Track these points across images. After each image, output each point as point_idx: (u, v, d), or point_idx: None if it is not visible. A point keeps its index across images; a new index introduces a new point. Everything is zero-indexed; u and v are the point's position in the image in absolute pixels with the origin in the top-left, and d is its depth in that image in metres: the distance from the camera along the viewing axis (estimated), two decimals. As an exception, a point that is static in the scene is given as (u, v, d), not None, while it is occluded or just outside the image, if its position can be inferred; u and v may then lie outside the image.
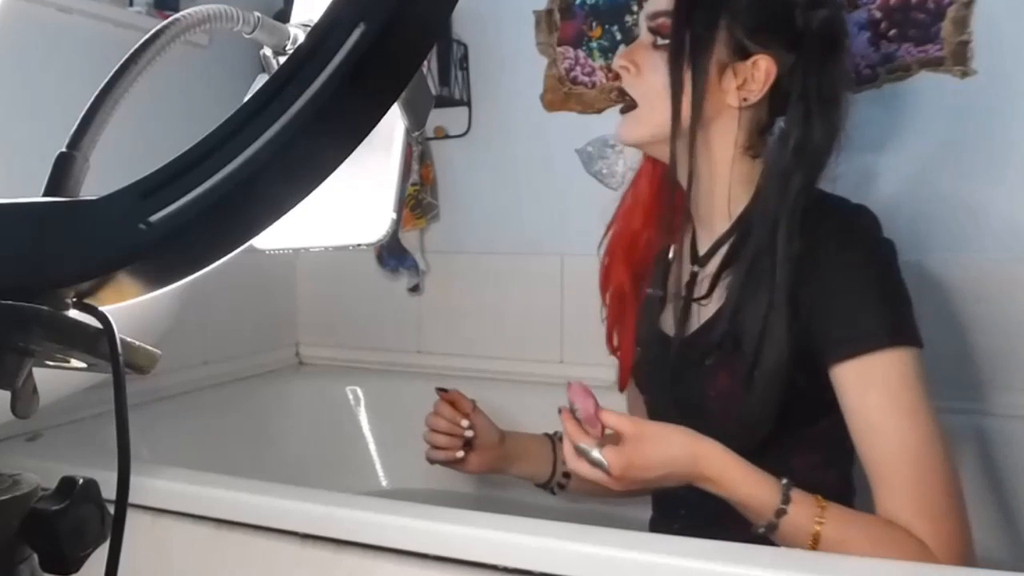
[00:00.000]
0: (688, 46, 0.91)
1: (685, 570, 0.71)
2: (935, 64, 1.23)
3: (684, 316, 1.00)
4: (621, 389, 1.19)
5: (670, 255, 1.06)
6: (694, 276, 1.01)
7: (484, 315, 1.57)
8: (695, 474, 0.82)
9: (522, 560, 0.75)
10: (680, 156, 0.94)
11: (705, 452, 0.82)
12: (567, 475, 1.15)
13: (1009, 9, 1.18)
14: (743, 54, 0.92)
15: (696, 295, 1.00)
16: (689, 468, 0.82)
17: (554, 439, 1.17)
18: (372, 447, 1.54)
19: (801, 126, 0.91)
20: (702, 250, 1.01)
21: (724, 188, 0.97)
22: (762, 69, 0.92)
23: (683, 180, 0.96)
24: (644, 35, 0.97)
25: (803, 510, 0.79)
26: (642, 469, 0.81)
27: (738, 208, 0.97)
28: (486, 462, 1.14)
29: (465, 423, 1.13)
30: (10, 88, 1.13)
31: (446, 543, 0.78)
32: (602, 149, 1.48)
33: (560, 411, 0.86)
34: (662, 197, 1.05)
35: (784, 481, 0.80)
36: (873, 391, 0.83)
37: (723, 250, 0.98)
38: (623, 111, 0.99)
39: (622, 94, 0.99)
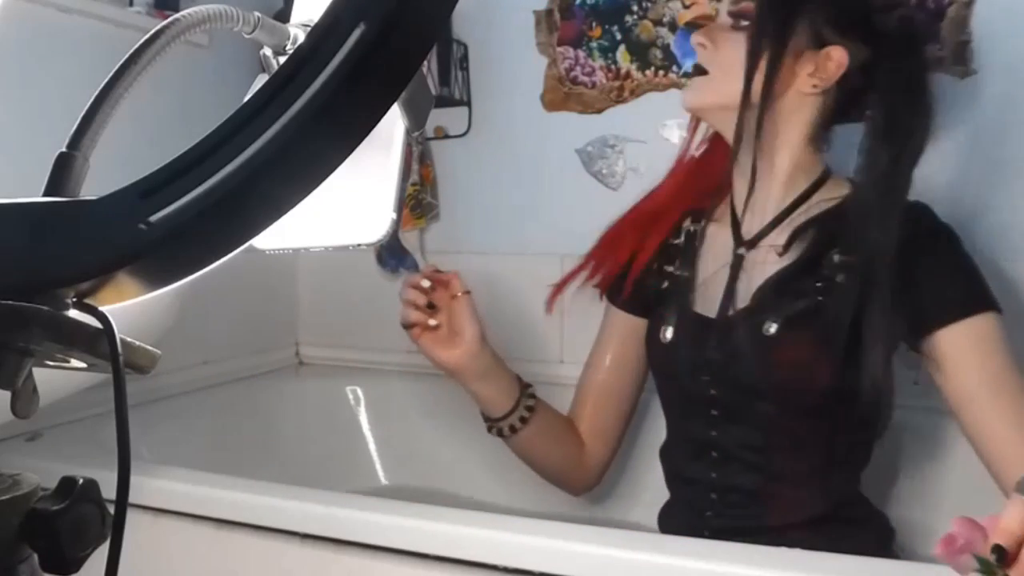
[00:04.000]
0: (771, 27, 0.94)
1: (685, 570, 0.71)
2: (935, 64, 1.22)
3: (730, 297, 1.00)
4: (603, 295, 1.17)
5: (703, 235, 1.07)
6: (740, 259, 1.02)
7: (484, 315, 1.57)
8: None
9: (522, 560, 0.75)
10: (746, 133, 0.95)
11: None
12: (524, 420, 1.10)
13: (1009, 9, 1.18)
14: (819, 43, 0.95)
15: (744, 275, 1.00)
16: None
17: (524, 383, 1.12)
18: (372, 447, 1.54)
19: (889, 121, 0.94)
20: (747, 234, 1.02)
21: (784, 173, 0.99)
22: (834, 59, 0.94)
23: (745, 157, 0.97)
24: (723, 17, 1.00)
25: None
26: None
27: (788, 198, 0.99)
28: (455, 357, 1.06)
29: (433, 322, 1.06)
30: (10, 88, 1.13)
31: (446, 543, 0.78)
32: (602, 149, 1.48)
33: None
34: (718, 170, 1.06)
35: None
36: (977, 356, 0.87)
37: (774, 235, 0.99)
38: (692, 75, 1.01)
39: (699, 68, 1.01)
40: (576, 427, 1.16)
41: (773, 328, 0.94)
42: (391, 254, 1.63)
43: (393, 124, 0.45)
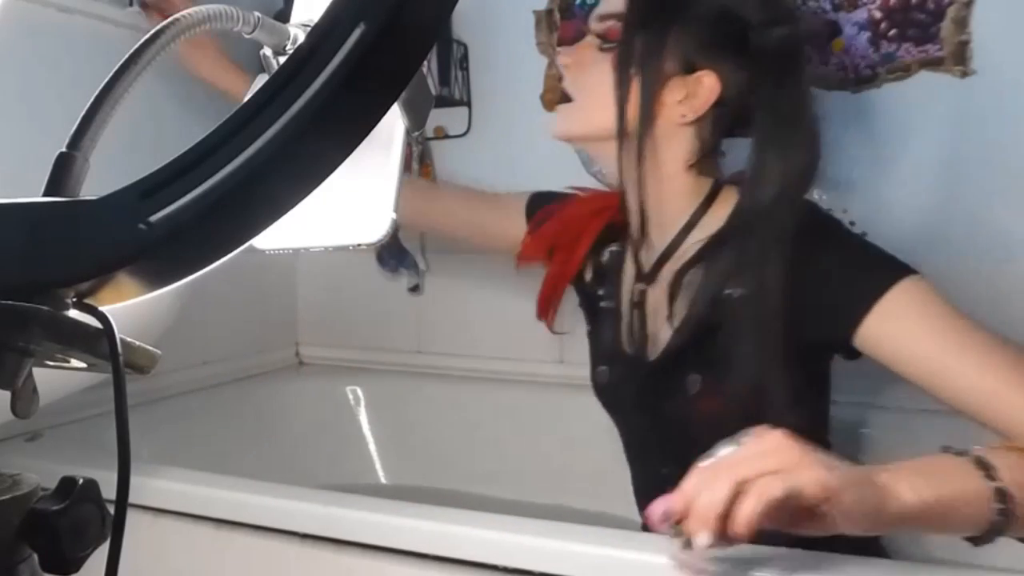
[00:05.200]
0: (638, 53, 0.89)
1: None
2: (935, 64, 1.22)
3: (644, 337, 0.96)
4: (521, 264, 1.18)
5: (622, 259, 1.02)
6: (643, 294, 0.98)
7: (484, 315, 1.57)
8: (875, 481, 0.63)
9: (522, 560, 0.75)
10: (626, 166, 0.91)
11: (867, 469, 0.66)
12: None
13: (1009, 9, 1.18)
14: (688, 68, 0.89)
15: (650, 312, 0.96)
16: (866, 473, 0.63)
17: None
18: (372, 447, 1.54)
19: (767, 147, 0.87)
20: (645, 267, 0.98)
21: (670, 202, 0.94)
22: (706, 86, 0.89)
23: (630, 191, 0.94)
24: (590, 37, 0.96)
25: (1007, 467, 0.64)
26: (807, 449, 0.61)
27: (677, 225, 0.93)
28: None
29: None
30: (10, 88, 1.13)
31: (446, 543, 0.78)
32: (602, 149, 1.48)
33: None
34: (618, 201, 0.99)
35: (948, 448, 0.67)
36: (914, 327, 0.78)
37: (668, 266, 0.94)
38: (559, 103, 0.97)
39: (565, 95, 0.97)
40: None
41: (697, 385, 0.89)
42: (391, 254, 1.63)
43: (393, 124, 0.45)
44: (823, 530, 0.61)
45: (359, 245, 0.45)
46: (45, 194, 0.33)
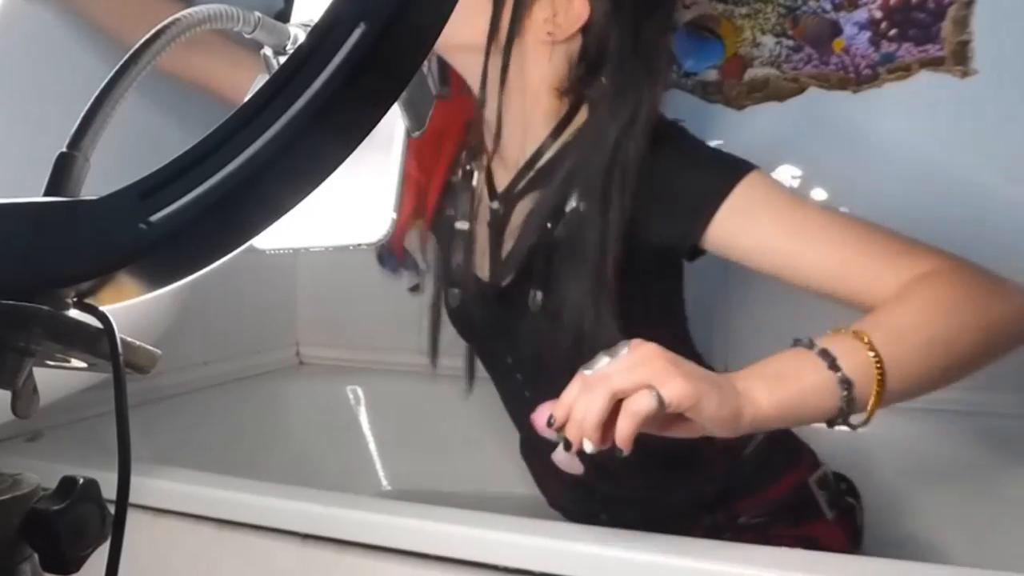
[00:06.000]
0: None
1: (686, 570, 0.71)
2: (935, 64, 1.23)
3: (498, 258, 0.95)
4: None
5: (473, 182, 1.01)
6: (496, 214, 0.96)
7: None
8: (734, 388, 0.67)
9: (522, 560, 0.75)
10: (491, 77, 0.89)
11: (726, 376, 0.69)
12: None
13: (1009, 9, 1.18)
14: None
15: (507, 233, 0.94)
16: (726, 381, 0.67)
17: None
18: (372, 447, 1.54)
19: (622, 81, 0.87)
20: (500, 186, 0.97)
21: (530, 122, 0.92)
22: (575, 7, 0.88)
23: (490, 105, 0.92)
24: None
25: (848, 353, 0.68)
26: (674, 360, 0.65)
27: (534, 145, 0.93)
28: None
29: None
30: (10, 88, 1.13)
31: (446, 543, 0.78)
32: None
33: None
34: (472, 115, 0.98)
35: (798, 341, 0.70)
36: (762, 218, 0.81)
37: (522, 186, 0.93)
38: None
39: None
40: None
41: (539, 298, 0.90)
42: (391, 254, 1.63)
43: (393, 124, 0.45)
44: (690, 433, 0.67)
45: (359, 245, 0.45)
46: (45, 194, 0.33)
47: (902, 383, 0.69)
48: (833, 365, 0.68)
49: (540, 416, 0.67)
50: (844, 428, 0.70)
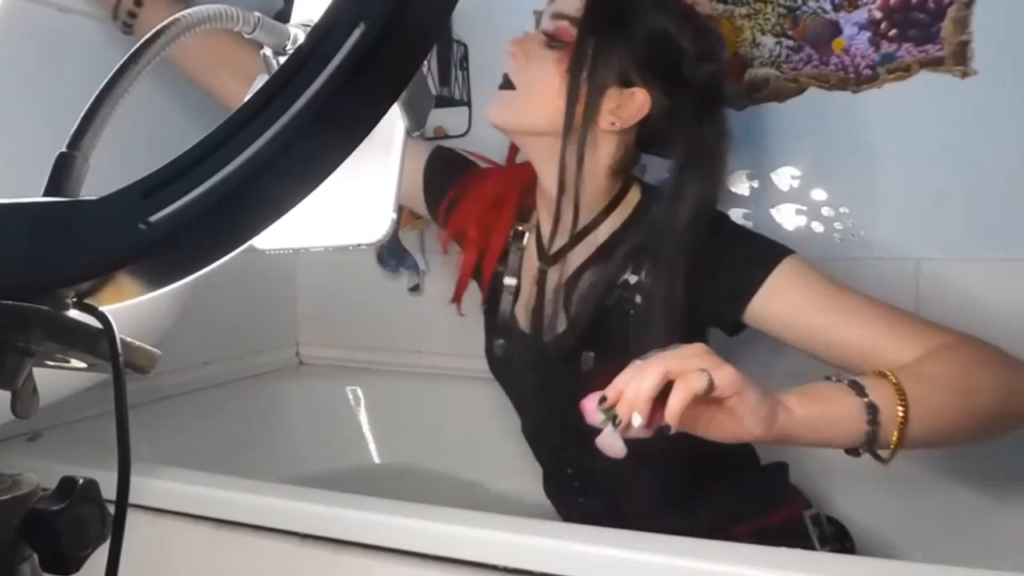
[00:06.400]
0: (589, 58, 0.93)
1: (685, 570, 0.71)
2: (935, 64, 1.22)
3: (540, 317, 1.03)
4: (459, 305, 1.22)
5: (523, 242, 1.09)
6: (543, 273, 1.04)
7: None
8: (774, 396, 0.72)
9: (522, 560, 0.75)
10: (568, 162, 0.96)
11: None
12: (133, 15, 1.13)
13: (1009, 9, 1.18)
14: (625, 82, 0.95)
15: (549, 293, 1.02)
16: (766, 386, 0.72)
17: None
18: (372, 447, 1.54)
19: (686, 172, 0.95)
20: (551, 249, 1.04)
21: (585, 199, 1.00)
22: (638, 101, 0.95)
23: (553, 181, 0.99)
24: (539, 33, 0.99)
25: (874, 386, 0.75)
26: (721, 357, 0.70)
27: (587, 217, 1.01)
28: None
29: None
30: (10, 88, 1.13)
31: (446, 543, 0.78)
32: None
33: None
34: (527, 184, 1.08)
35: (829, 377, 0.77)
36: (797, 299, 0.89)
37: (573, 253, 1.01)
38: (500, 88, 1.00)
39: (507, 81, 1.00)
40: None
41: (591, 361, 0.98)
42: (391, 254, 1.63)
43: (393, 124, 0.45)
44: (725, 434, 0.71)
45: (359, 245, 0.45)
46: (45, 194, 0.33)
47: (923, 420, 0.75)
48: (861, 392, 0.74)
49: (590, 401, 0.70)
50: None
